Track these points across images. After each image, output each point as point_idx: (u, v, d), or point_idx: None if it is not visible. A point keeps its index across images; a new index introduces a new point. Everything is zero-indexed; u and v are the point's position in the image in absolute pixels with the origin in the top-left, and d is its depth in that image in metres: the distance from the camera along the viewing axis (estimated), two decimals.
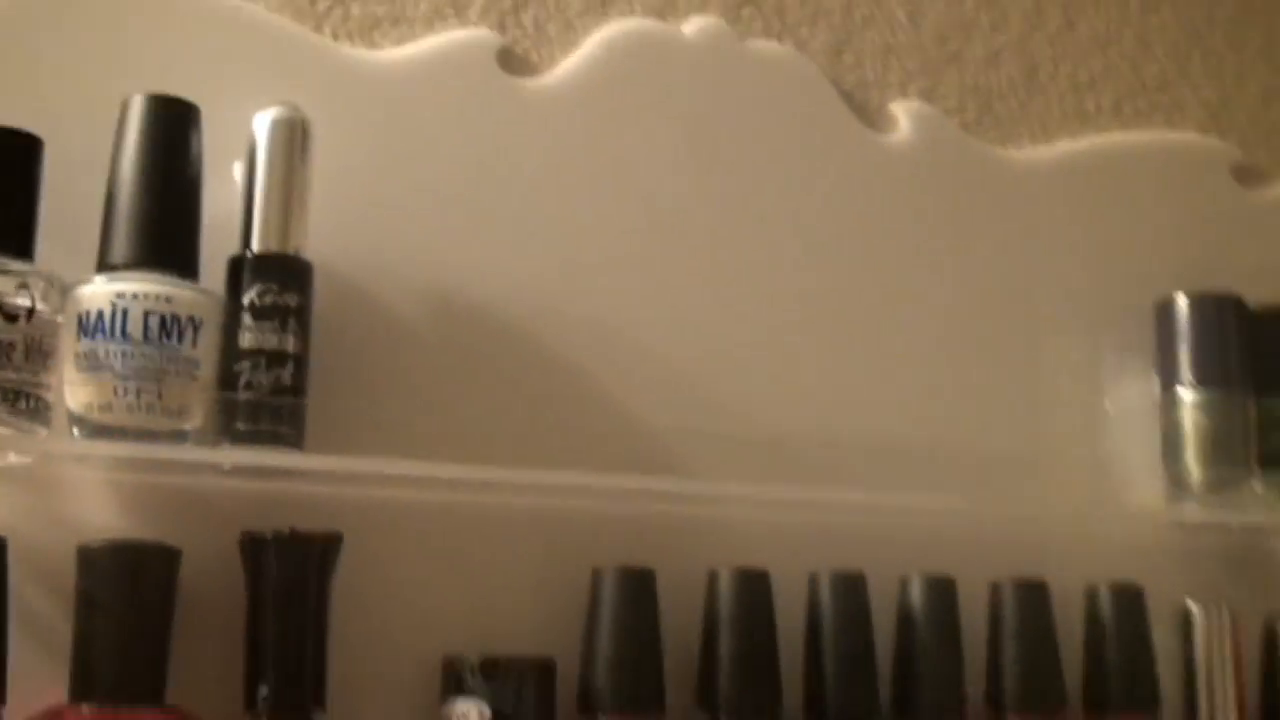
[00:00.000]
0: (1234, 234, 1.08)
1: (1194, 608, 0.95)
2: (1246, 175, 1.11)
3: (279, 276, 0.74)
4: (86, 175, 0.72)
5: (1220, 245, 1.07)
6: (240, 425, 0.72)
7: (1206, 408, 0.97)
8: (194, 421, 0.71)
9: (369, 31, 0.87)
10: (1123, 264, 1.03)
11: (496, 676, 0.75)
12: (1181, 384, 0.98)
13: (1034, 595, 0.89)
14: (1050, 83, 1.07)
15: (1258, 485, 0.97)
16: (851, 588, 0.85)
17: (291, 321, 0.74)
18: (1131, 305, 1.01)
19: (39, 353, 0.69)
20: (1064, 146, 1.05)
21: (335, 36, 0.86)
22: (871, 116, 1.00)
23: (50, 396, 0.69)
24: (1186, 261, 1.04)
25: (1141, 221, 1.05)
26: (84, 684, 0.68)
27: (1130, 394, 1.01)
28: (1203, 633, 0.94)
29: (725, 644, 0.81)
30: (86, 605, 0.69)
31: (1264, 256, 1.08)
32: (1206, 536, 1.00)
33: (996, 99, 1.05)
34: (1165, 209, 1.06)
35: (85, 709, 0.68)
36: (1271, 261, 1.07)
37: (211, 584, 0.73)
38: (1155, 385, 1.00)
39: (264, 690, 0.71)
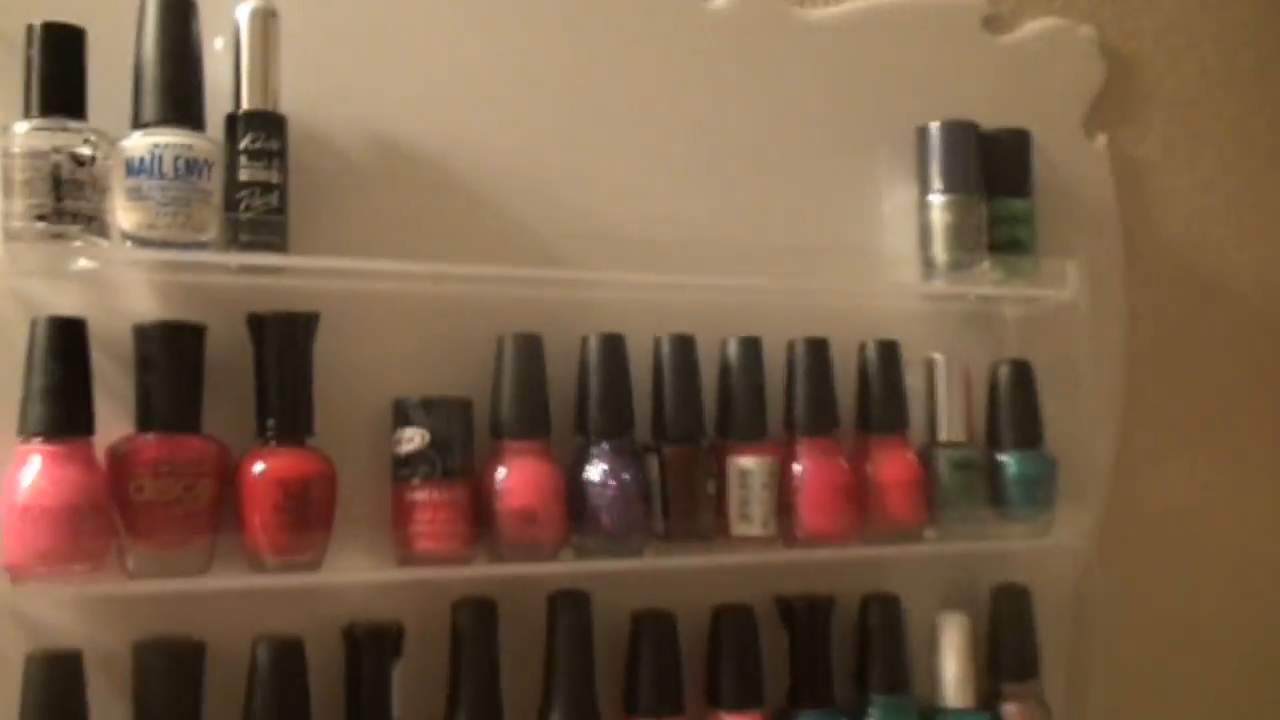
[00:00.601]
0: (980, 72, 1.38)
1: (937, 357, 1.28)
2: (993, 24, 1.41)
3: (264, 127, 1.01)
4: (117, 56, 0.98)
5: (969, 81, 1.37)
6: (243, 237, 1.00)
7: (950, 208, 1.29)
8: (211, 234, 0.99)
9: None
10: (893, 100, 1.32)
11: (432, 411, 1.05)
12: (932, 191, 1.29)
13: (818, 349, 1.20)
14: None
15: (987, 265, 1.30)
16: (684, 346, 1.15)
17: (275, 160, 1.01)
18: (899, 131, 1.32)
19: (99, 188, 0.96)
20: (849, 6, 1.34)
21: None
22: None
23: (109, 219, 0.97)
24: (942, 96, 1.34)
25: (909, 64, 1.34)
26: (145, 420, 0.98)
27: (897, 200, 1.32)
28: (943, 374, 1.28)
29: (593, 387, 1.11)
30: (142, 366, 0.98)
31: (1002, 89, 1.38)
32: (949, 305, 1.32)
33: None
34: (927, 54, 1.35)
35: (149, 436, 0.97)
36: (1006, 92, 1.38)
37: (227, 351, 1.02)
38: (914, 192, 1.32)
39: (271, 422, 1.01)
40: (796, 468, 1.18)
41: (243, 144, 1.00)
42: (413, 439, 1.05)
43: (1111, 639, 1.37)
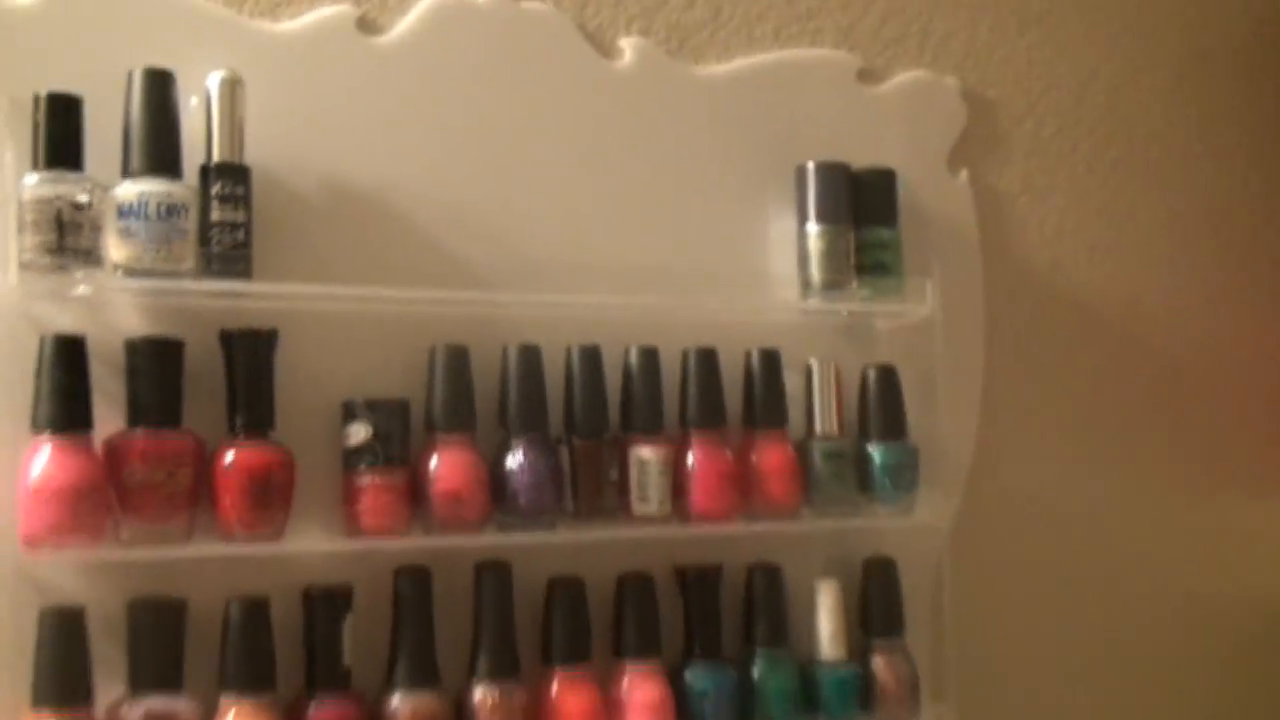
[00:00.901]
0: (856, 118, 1.60)
1: (813, 362, 1.49)
2: (866, 76, 1.63)
3: (231, 175, 1.22)
4: (109, 118, 1.19)
5: (846, 126, 1.58)
6: (215, 266, 1.20)
7: (824, 236, 1.50)
8: (188, 265, 1.19)
9: (274, 9, 1.34)
10: (778, 143, 1.53)
11: (375, 410, 1.26)
12: (809, 221, 1.51)
13: (708, 356, 1.41)
14: (730, 19, 1.57)
15: (856, 285, 1.51)
16: (591, 355, 1.36)
17: (240, 203, 1.22)
18: (782, 170, 1.53)
19: (95, 228, 1.16)
20: (738, 63, 1.56)
21: (250, 15, 1.33)
22: (606, 49, 1.49)
23: (103, 253, 1.17)
24: (822, 139, 1.55)
25: (792, 112, 1.55)
26: (135, 418, 1.18)
27: (779, 228, 1.53)
28: (819, 377, 1.49)
29: (512, 389, 1.32)
30: (132, 374, 1.19)
31: (874, 132, 1.60)
32: (825, 318, 1.54)
33: (692, 32, 1.54)
34: (808, 103, 1.57)
35: (138, 431, 1.18)
36: (879, 135, 1.60)
37: (203, 361, 1.22)
38: (794, 222, 1.53)
39: (239, 419, 1.22)
40: (689, 457, 1.39)
41: (214, 190, 1.21)
42: (359, 433, 1.26)
43: (968, 603, 1.58)
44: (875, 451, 1.49)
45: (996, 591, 1.64)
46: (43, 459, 1.13)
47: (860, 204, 1.52)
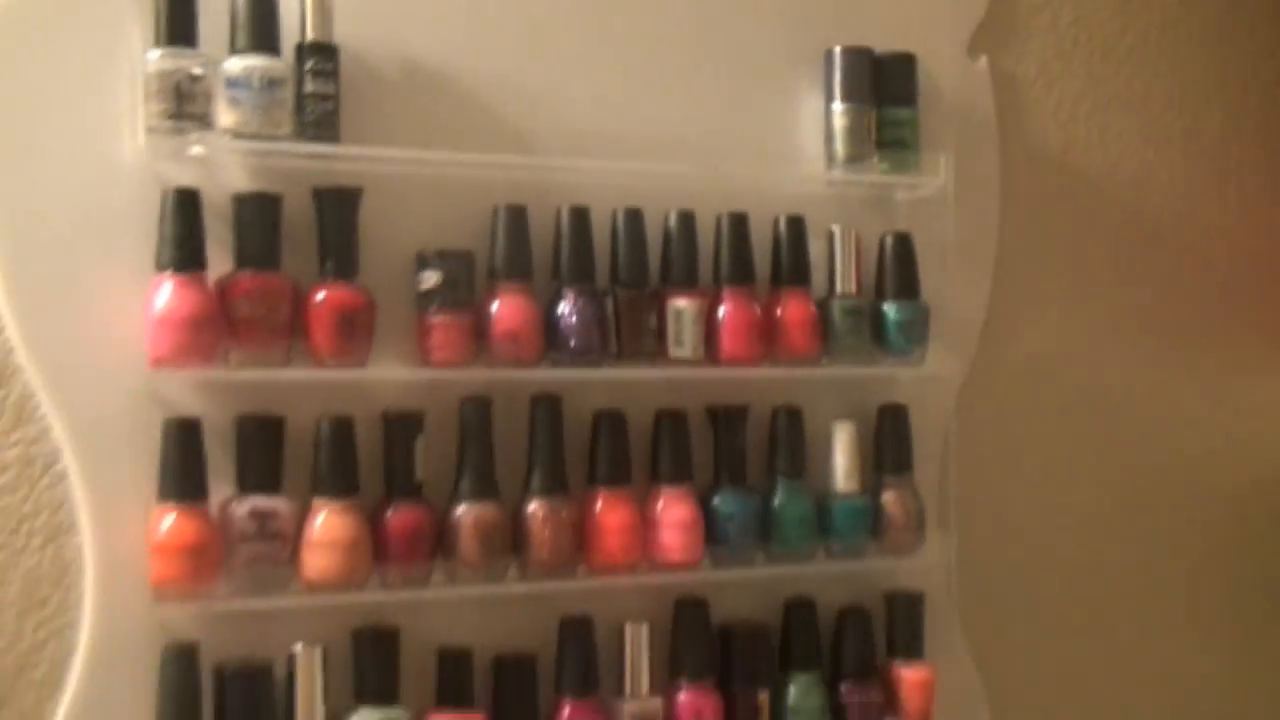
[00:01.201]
0: (882, 6, 1.74)
1: (835, 228, 1.66)
2: None
3: (322, 53, 1.41)
4: (218, 3, 1.38)
5: (872, 11, 1.73)
6: (309, 132, 1.40)
7: (848, 114, 1.67)
8: (286, 130, 1.39)
9: None
10: (801, 27, 1.68)
11: (445, 259, 1.45)
12: (835, 100, 1.68)
13: (739, 221, 1.59)
14: None
15: (876, 160, 1.68)
16: (635, 217, 1.55)
17: (330, 78, 1.41)
18: (812, 53, 1.69)
19: (208, 97, 1.36)
20: None
21: None
22: None
23: (214, 119, 1.37)
24: (849, 23, 1.70)
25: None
26: (241, 261, 1.39)
27: (807, 107, 1.70)
28: (840, 242, 1.66)
29: (564, 244, 1.51)
30: (238, 222, 1.39)
31: (898, 17, 1.74)
32: (846, 190, 1.70)
33: None
34: None
35: (245, 273, 1.38)
36: (902, 20, 1.74)
37: (298, 213, 1.42)
38: (821, 101, 1.70)
39: (328, 264, 1.42)
40: (720, 309, 1.58)
41: (307, 66, 1.40)
42: (430, 279, 1.45)
43: (973, 449, 1.76)
44: (890, 309, 1.66)
45: (1000, 440, 1.83)
46: (165, 293, 1.34)
47: (882, 85, 1.68)
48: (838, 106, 1.67)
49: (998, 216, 1.81)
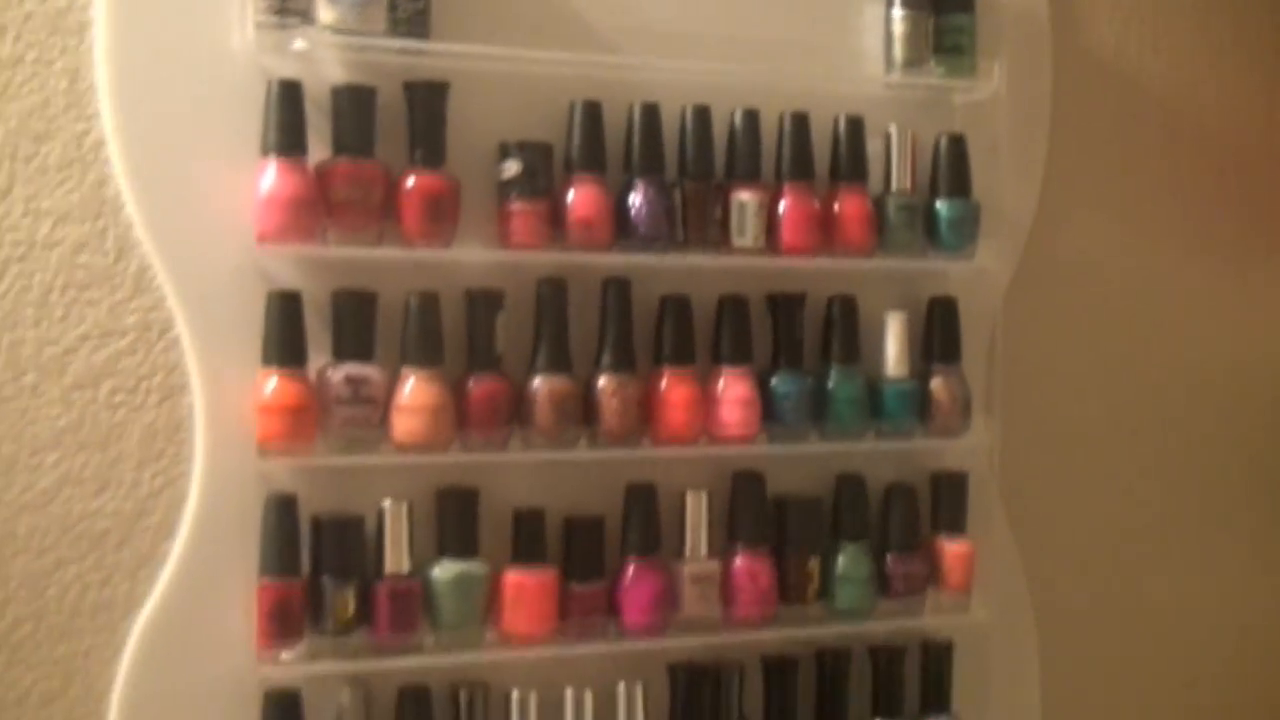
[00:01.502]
0: None
1: (892, 129, 1.76)
2: None
3: None
4: None
5: None
6: (401, 29, 1.51)
7: (907, 20, 1.75)
8: (381, 27, 1.50)
9: None
10: None
11: (525, 150, 1.56)
12: (895, 5, 1.76)
13: (801, 120, 1.69)
14: None
15: (933, 64, 1.77)
16: (702, 113, 1.64)
17: None
18: None
19: None
20: None
21: None
22: None
23: (315, 16, 1.48)
24: None
25: None
26: (339, 148, 1.50)
27: (869, 13, 1.78)
28: (896, 142, 1.75)
29: (635, 138, 1.62)
30: (336, 114, 1.50)
31: None
32: (904, 93, 1.79)
33: None
34: None
35: (341, 158, 1.50)
36: None
37: (391, 106, 1.52)
38: (882, 7, 1.78)
39: (418, 153, 1.53)
40: (781, 203, 1.68)
41: None
42: (511, 168, 1.56)
43: (1018, 341, 1.86)
44: (942, 207, 1.75)
45: (1044, 333, 1.93)
46: (270, 176, 1.46)
47: None
48: (897, 12, 1.76)
49: (1049, 121, 1.89)
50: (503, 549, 1.57)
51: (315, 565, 1.50)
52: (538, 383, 1.57)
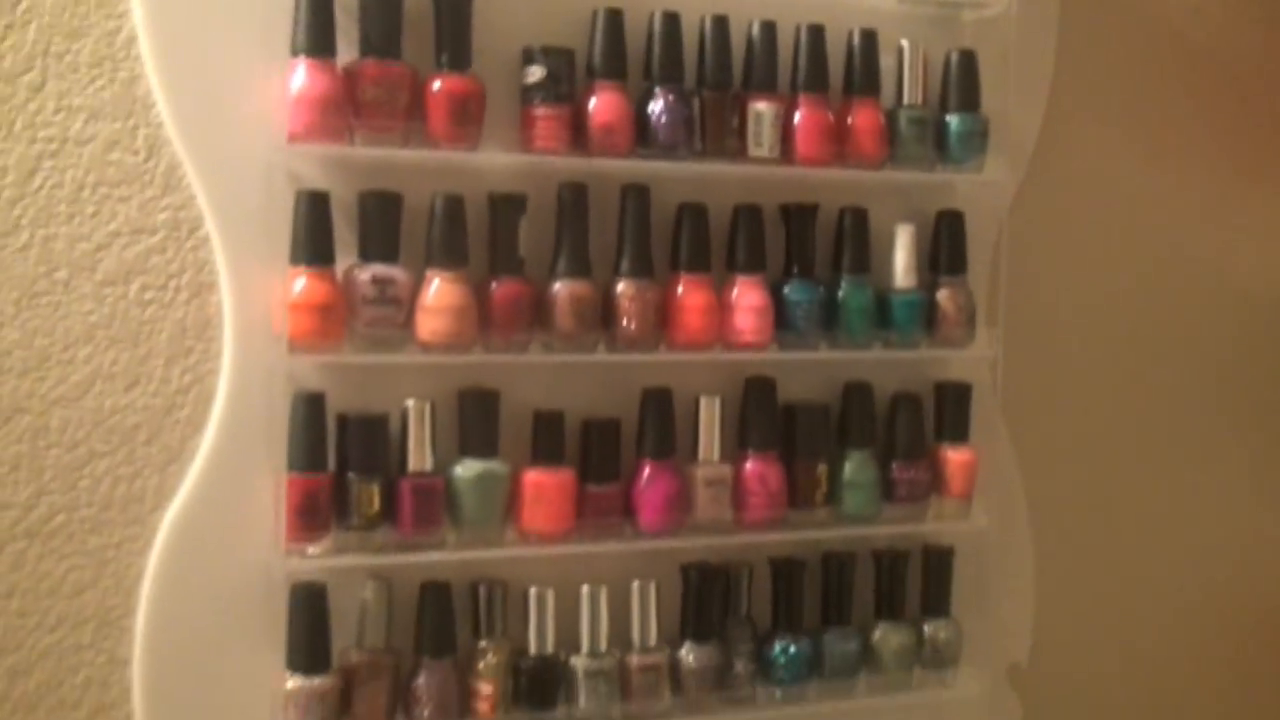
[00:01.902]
0: None
1: (905, 43, 1.78)
2: None
3: None
4: None
5: None
6: None
7: None
8: None
9: None
10: None
11: (549, 56, 1.57)
12: None
13: (816, 32, 1.70)
14: None
15: None
16: (721, 23, 1.65)
17: None
18: None
19: None
20: None
21: None
22: None
23: None
24: None
25: None
26: (366, 49, 1.51)
27: None
28: (909, 56, 1.78)
29: (656, 47, 1.64)
30: (364, 12, 1.51)
31: None
32: (916, 9, 1.80)
33: None
34: None
35: (369, 60, 1.51)
36: None
37: (418, 10, 1.54)
38: None
39: (444, 56, 1.55)
40: (796, 114, 1.71)
41: None
42: (535, 73, 1.58)
43: (1023, 253, 1.90)
44: (952, 120, 1.79)
45: (1049, 247, 1.97)
46: (300, 75, 1.48)
47: None
48: None
49: (1056, 39, 1.93)
50: (522, 450, 1.61)
51: (341, 462, 1.53)
52: (558, 286, 1.60)
